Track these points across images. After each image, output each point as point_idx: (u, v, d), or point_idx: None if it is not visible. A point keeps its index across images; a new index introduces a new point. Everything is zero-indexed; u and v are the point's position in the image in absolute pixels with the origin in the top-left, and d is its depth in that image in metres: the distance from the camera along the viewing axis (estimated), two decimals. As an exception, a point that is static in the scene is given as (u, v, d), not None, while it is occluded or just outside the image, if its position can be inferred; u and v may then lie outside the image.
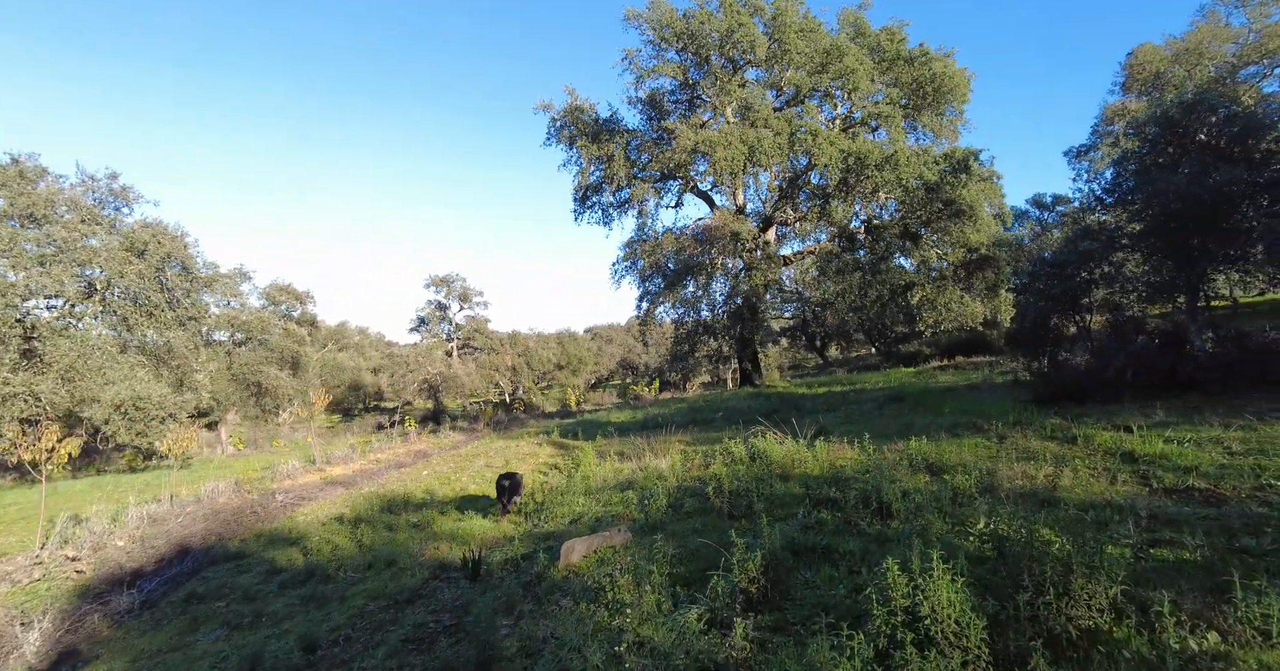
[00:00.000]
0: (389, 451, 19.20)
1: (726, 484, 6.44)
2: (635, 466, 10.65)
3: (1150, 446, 6.43)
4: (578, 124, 26.60)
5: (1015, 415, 9.38)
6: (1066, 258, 12.03)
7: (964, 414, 10.79)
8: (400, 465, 16.83)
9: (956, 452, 7.42)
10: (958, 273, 24.90)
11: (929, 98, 24.95)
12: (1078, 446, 7.09)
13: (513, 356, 52.78)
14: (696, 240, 24.64)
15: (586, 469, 11.08)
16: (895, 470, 6.95)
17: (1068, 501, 5.28)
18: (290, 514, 10.38)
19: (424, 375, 48.85)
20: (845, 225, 23.37)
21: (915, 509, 5.45)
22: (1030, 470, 6.21)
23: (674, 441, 14.16)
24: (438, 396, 49.70)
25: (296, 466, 15.02)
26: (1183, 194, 8.38)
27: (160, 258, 22.43)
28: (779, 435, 9.35)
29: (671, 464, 9.50)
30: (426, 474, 14.54)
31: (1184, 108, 8.94)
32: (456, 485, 11.87)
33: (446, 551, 7.56)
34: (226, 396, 42.99)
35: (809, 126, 22.81)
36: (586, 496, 8.81)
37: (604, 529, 6.64)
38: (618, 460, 11.96)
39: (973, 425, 8.95)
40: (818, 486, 6.69)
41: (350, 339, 66.85)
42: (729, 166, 22.56)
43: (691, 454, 10.15)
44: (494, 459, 15.16)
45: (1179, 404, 8.42)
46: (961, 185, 21.95)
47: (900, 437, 9.54)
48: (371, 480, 14.59)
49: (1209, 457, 5.95)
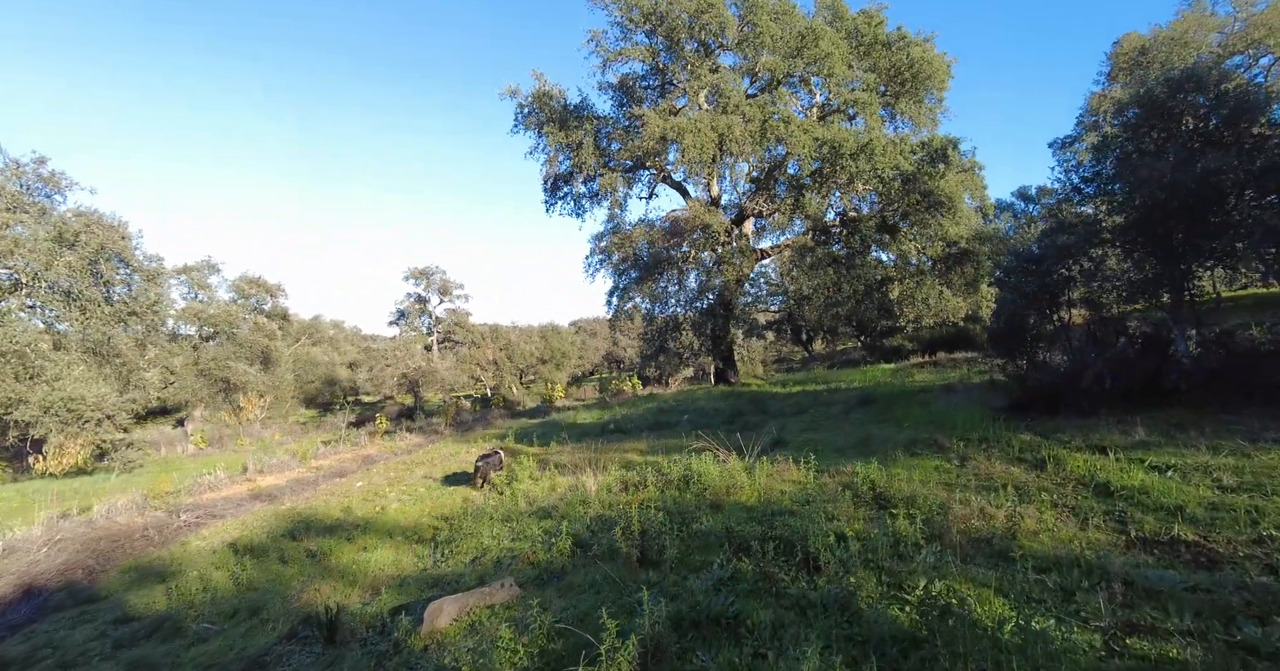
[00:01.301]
0: (334, 457, 18.10)
1: (637, 525, 5.47)
2: (569, 485, 9.68)
3: (1129, 477, 5.53)
4: (545, 110, 25.34)
5: (982, 429, 8.49)
6: (1043, 252, 11.14)
7: (929, 424, 9.91)
8: (341, 473, 15.76)
9: (909, 479, 6.50)
10: (936, 267, 24.07)
11: (907, 84, 23.96)
12: (1046, 473, 6.19)
13: (494, 350, 51.78)
14: (666, 233, 23.58)
15: (519, 486, 10.09)
16: (836, 502, 6.01)
17: (1029, 554, 4.36)
18: (185, 538, 9.30)
19: (402, 369, 47.82)
20: (820, 218, 22.38)
21: (846, 562, 4.50)
22: (989, 506, 5.29)
23: (628, 450, 13.22)
24: (417, 391, 48.69)
25: (221, 478, 13.88)
26: (1168, 182, 7.48)
27: (93, 249, 21.00)
28: (724, 452, 8.40)
29: (601, 486, 8.53)
30: (360, 485, 13.49)
31: (1170, 86, 8.01)
32: (380, 502, 10.83)
33: (328, 594, 6.54)
34: (194, 392, 41.56)
35: (782, 113, 21.77)
36: (504, 524, 7.82)
37: (495, 577, 5.64)
38: (558, 474, 10.99)
39: (934, 443, 8.03)
40: (746, 523, 5.74)
41: (325, 333, 65.30)
42: (698, 155, 21.49)
43: (630, 472, 9.18)
44: (435, 469, 14.14)
45: (1161, 419, 7.55)
46: (940, 175, 21.03)
47: (856, 453, 8.64)
48: (303, 491, 13.52)
49: (1196, 494, 5.06)
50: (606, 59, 24.43)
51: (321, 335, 63.73)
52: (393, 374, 47.62)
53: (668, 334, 24.87)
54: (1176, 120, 8.33)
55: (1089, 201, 11.75)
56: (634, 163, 25.46)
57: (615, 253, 25.48)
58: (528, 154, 26.37)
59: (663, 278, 24.51)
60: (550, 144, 25.30)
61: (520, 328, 61.80)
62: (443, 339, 61.25)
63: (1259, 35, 23.64)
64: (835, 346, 45.80)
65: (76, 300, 21.00)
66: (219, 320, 41.52)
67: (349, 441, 20.79)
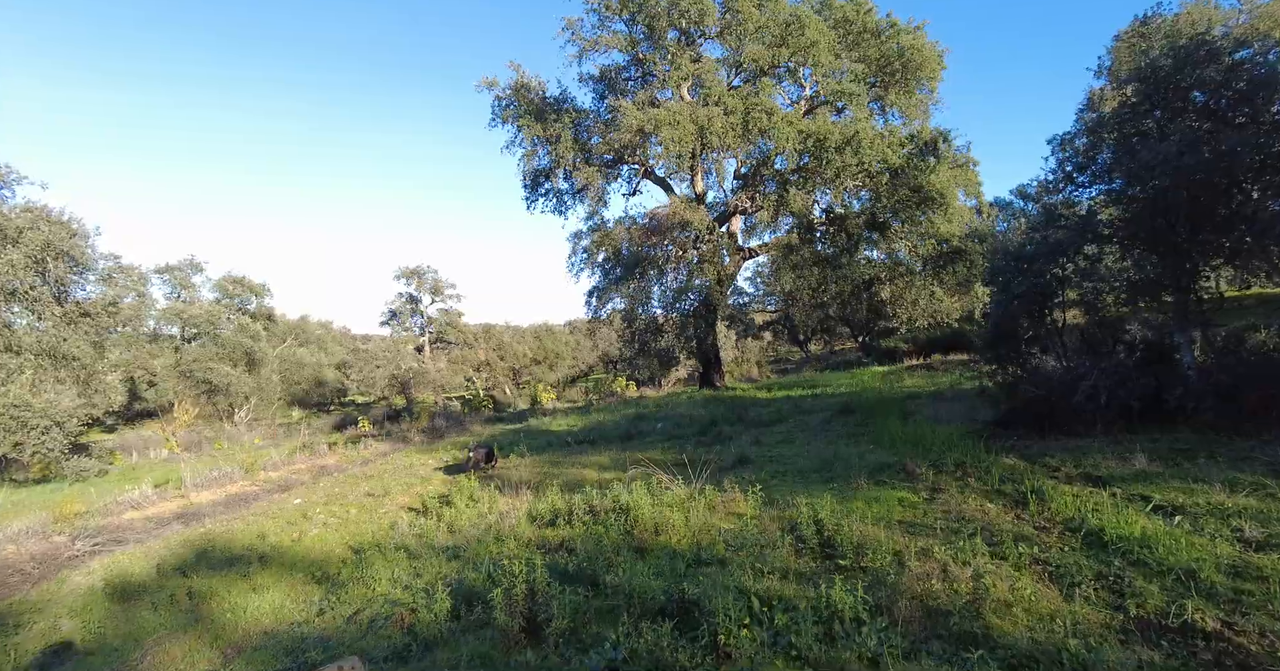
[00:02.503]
0: (287, 468, 17.03)
1: (520, 587, 4.42)
2: (503, 511, 8.65)
3: (1127, 524, 4.49)
4: (523, 102, 24.28)
5: (961, 450, 7.45)
6: (1034, 250, 10.09)
7: (905, 442, 8.87)
8: (286, 487, 14.73)
9: (867, 515, 5.46)
10: (928, 266, 23.02)
11: (897, 75, 22.87)
12: (1028, 513, 5.15)
13: (486, 351, 50.87)
14: (645, 230, 22.52)
15: (448, 513, 9.06)
16: (776, 548, 4.98)
17: (996, 640, 3.33)
18: (68, 573, 8.28)
19: (392, 371, 47.10)
20: (804, 214, 21.31)
21: (764, 645, 3.47)
22: (954, 563, 4.25)
23: (587, 464, 12.20)
24: (408, 392, 48.00)
25: (148, 494, 12.82)
26: (1173, 167, 6.45)
27: (39, 246, 19.92)
28: (669, 478, 7.36)
29: (528, 515, 7.49)
30: (297, 502, 12.46)
31: (1178, 58, 6.94)
32: (301, 527, 9.79)
33: (177, 657, 5.51)
34: (177, 394, 40.57)
35: (765, 105, 20.68)
36: (411, 562, 6.79)
37: (330, 661, 4.57)
38: (499, 495, 9.95)
39: (903, 469, 6.98)
40: (660, 578, 4.70)
41: (312, 333, 64.18)
42: (677, 148, 20.45)
43: (572, 496, 8.14)
44: (382, 484, 13.13)
45: (1164, 442, 6.51)
46: (930, 169, 19.95)
47: (818, 477, 7.60)
48: (236, 510, 12.48)
49: (1213, 551, 4.02)
50: (583, 48, 23.38)
51: (309, 335, 62.73)
52: (383, 375, 46.87)
53: (648, 336, 23.84)
54: (1184, 96, 7.29)
55: (1083, 192, 10.70)
56: (614, 157, 24.38)
57: (600, 251, 24.45)
58: (504, 148, 25.30)
59: (642, 278, 23.45)
60: (527, 137, 24.25)
61: (513, 327, 60.83)
62: (435, 339, 60.42)
63: (1265, 27, 22.69)
64: (833, 347, 44.84)
65: (23, 300, 19.96)
66: (200, 320, 40.57)
67: (310, 449, 19.73)
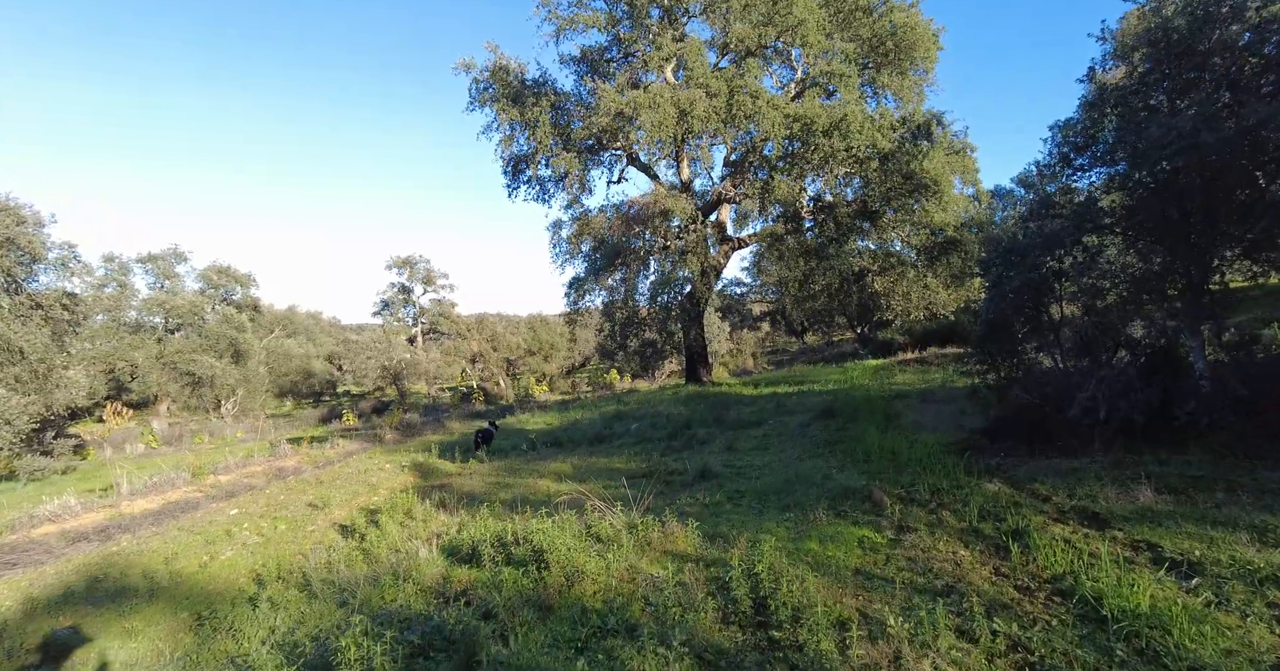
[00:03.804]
0: (241, 470, 16.11)
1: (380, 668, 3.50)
2: (433, 534, 7.73)
3: (1132, 593, 3.53)
4: (501, 85, 23.11)
5: (938, 474, 6.50)
6: (1028, 242, 9.10)
7: (881, 456, 7.93)
8: (233, 493, 13.80)
9: (820, 560, 4.53)
10: (921, 257, 21.99)
11: (890, 55, 21.69)
12: (1009, 566, 4.20)
13: (479, 342, 50.13)
14: (625, 219, 21.45)
15: (374, 535, 8.15)
16: (699, 610, 4.04)
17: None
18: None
19: (384, 361, 46.54)
20: (791, 203, 20.24)
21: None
22: (908, 648, 3.31)
23: (545, 473, 11.29)
24: (400, 383, 47.50)
25: (72, 505, 11.89)
26: (1187, 145, 5.45)
27: (-21, 237, 18.89)
28: (605, 507, 6.42)
29: (437, 548, 6.55)
30: (234, 513, 11.59)
31: (1194, 15, 5.92)
32: (218, 547, 8.89)
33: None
34: (160, 387, 39.71)
35: (750, 88, 19.55)
36: (295, 607, 5.87)
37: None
38: (437, 513, 9.03)
39: (867, 499, 6.02)
40: (552, 656, 3.78)
41: (300, 324, 63.26)
42: (658, 132, 19.36)
43: (501, 523, 7.21)
44: (330, 492, 12.23)
45: (1175, 468, 5.56)
46: (923, 155, 18.87)
47: (777, 502, 6.66)
48: (167, 521, 11.58)
49: (1244, 638, 3.08)
50: (559, 27, 22.17)
51: (297, 326, 61.90)
52: (374, 366, 46.26)
53: (630, 331, 22.84)
54: (1201, 63, 6.26)
55: (1082, 177, 9.68)
56: (594, 142, 23.26)
57: (581, 241, 23.42)
58: (480, 133, 24.16)
59: (623, 270, 22.43)
60: (503, 122, 23.09)
61: (507, 317, 60.03)
62: (428, 330, 59.74)
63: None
64: (831, 337, 44.00)
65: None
66: (184, 311, 39.65)
67: (274, 448, 18.83)
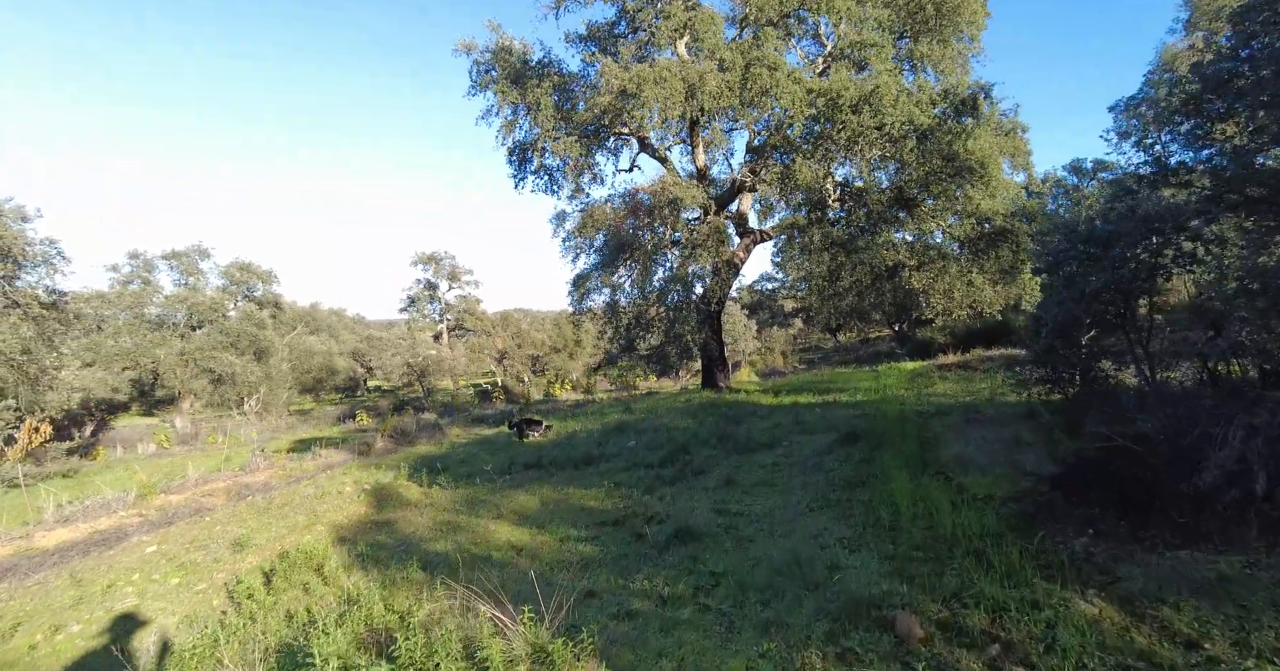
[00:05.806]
0: (201, 488, 14.73)
1: None
2: (313, 619, 5.92)
3: None
4: (504, 67, 21.31)
5: (998, 570, 4.37)
6: (1116, 228, 6.79)
7: (912, 524, 5.79)
8: (173, 519, 12.32)
9: None
10: (965, 250, 19.43)
11: (930, 21, 19.11)
12: None
13: (504, 339, 49.14)
14: (628, 210, 19.44)
15: (250, 608, 6.38)
16: None
17: None
18: None
19: (409, 358, 46.26)
20: (815, 189, 17.91)
21: None
22: None
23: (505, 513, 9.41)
24: (424, 381, 47.20)
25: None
26: None
27: (-49, 233, 18.01)
28: (509, 620, 4.48)
29: (361, 621, 4.70)
30: (152, 550, 10.04)
31: None
32: (63, 619, 7.21)
33: None
34: (183, 384, 39.55)
35: (768, 59, 17.28)
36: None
37: None
38: (348, 574, 7.24)
39: (888, 628, 3.93)
40: None
41: (323, 321, 63.18)
42: (665, 112, 17.31)
43: (410, 601, 5.34)
44: (257, 526, 10.60)
45: None
46: (967, 134, 16.35)
47: (756, 610, 4.63)
48: (78, 559, 10.12)
49: None
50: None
51: (319, 323, 61.85)
52: (399, 363, 45.96)
53: (635, 333, 20.84)
54: None
55: (1188, 143, 7.28)
56: (598, 125, 21.25)
57: (584, 235, 21.51)
58: (479, 119, 22.35)
59: (629, 265, 20.43)
60: (502, 105, 21.28)
61: (532, 314, 58.97)
62: (454, 326, 59.26)
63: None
64: (866, 334, 41.51)
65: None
66: (205, 308, 39.29)
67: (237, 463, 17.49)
